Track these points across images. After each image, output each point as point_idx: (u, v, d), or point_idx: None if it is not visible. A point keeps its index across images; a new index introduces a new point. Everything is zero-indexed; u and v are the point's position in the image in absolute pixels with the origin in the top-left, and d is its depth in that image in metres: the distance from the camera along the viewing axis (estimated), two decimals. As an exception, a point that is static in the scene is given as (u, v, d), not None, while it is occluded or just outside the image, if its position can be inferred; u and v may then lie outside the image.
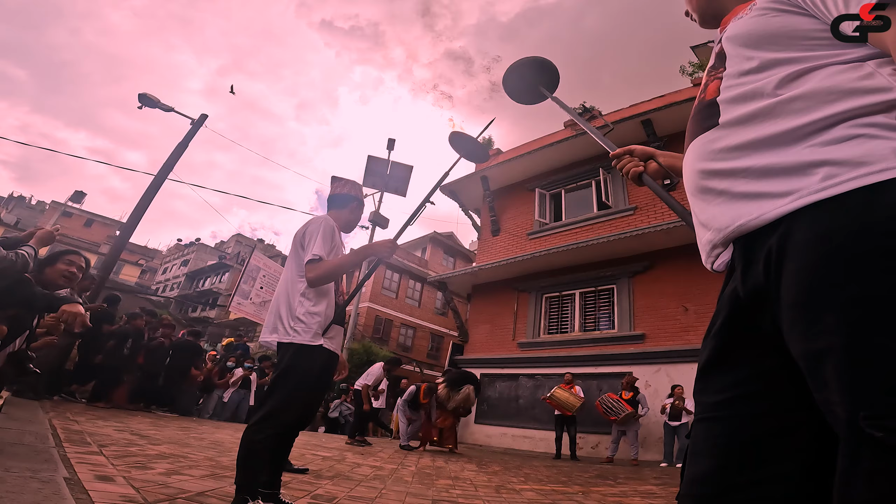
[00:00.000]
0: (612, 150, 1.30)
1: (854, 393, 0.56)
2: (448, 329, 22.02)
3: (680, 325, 8.47)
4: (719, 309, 0.80)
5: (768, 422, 0.70)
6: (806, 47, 0.74)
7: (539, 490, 3.86)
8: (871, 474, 0.54)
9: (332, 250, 2.09)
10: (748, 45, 0.80)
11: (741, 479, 0.70)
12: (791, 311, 0.64)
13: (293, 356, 1.95)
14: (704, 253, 0.84)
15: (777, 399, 0.70)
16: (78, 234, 39.01)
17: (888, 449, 0.53)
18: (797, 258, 0.64)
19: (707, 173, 0.79)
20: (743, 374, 0.74)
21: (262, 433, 1.85)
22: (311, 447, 5.45)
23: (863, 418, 0.55)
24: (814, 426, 0.67)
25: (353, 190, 2.40)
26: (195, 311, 35.56)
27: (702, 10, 1.07)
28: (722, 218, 0.76)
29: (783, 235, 0.66)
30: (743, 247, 0.74)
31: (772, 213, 0.68)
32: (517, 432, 9.81)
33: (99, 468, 2.32)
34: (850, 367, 0.57)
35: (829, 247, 0.61)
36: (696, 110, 0.87)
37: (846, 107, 0.66)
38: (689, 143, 0.87)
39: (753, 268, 0.71)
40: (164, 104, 10.03)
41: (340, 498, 2.61)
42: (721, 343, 0.77)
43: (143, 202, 9.40)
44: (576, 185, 11.57)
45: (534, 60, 1.67)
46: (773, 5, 0.79)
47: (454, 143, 2.33)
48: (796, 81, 0.72)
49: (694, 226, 0.87)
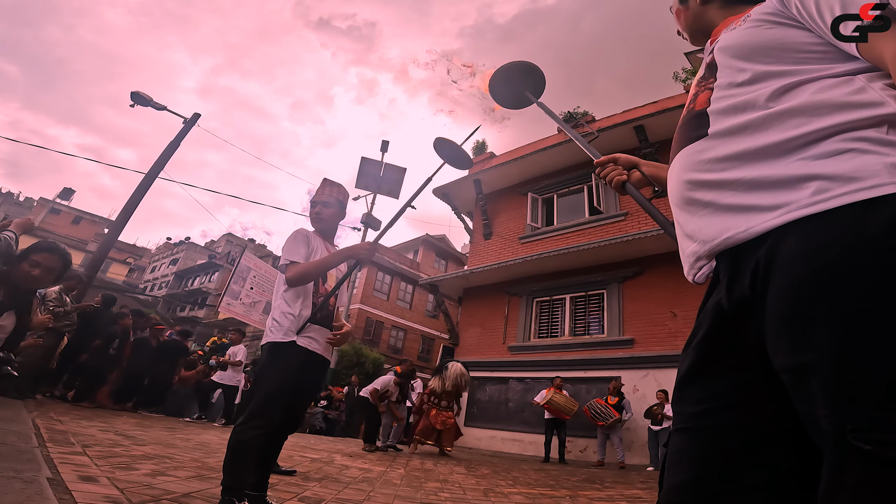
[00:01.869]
0: (597, 157, 1.30)
1: (841, 406, 0.56)
2: (439, 332, 21.99)
3: (668, 331, 8.54)
4: (701, 321, 0.79)
5: (746, 433, 0.70)
6: (798, 60, 0.74)
7: (527, 494, 3.87)
8: (857, 487, 0.54)
9: (309, 253, 2.16)
10: (740, 56, 0.79)
11: (719, 489, 0.70)
12: (777, 324, 0.64)
13: (268, 354, 2.03)
14: (687, 265, 0.84)
15: (756, 411, 0.70)
16: (66, 232, 38.50)
17: (876, 462, 0.53)
18: (786, 272, 0.63)
19: (694, 184, 0.78)
20: (722, 386, 0.74)
21: (247, 433, 1.85)
22: (299, 449, 5.42)
23: (850, 431, 0.55)
24: (791, 438, 0.67)
25: (338, 193, 2.41)
26: (183, 311, 35.21)
27: (690, 27, 1.08)
28: (708, 230, 0.75)
29: (771, 248, 0.66)
30: (729, 259, 0.74)
31: (760, 227, 0.67)
32: (506, 435, 9.82)
33: (82, 468, 2.28)
34: (837, 381, 0.57)
35: (819, 261, 0.60)
36: (685, 120, 0.87)
37: (837, 121, 0.66)
38: (675, 153, 0.86)
39: (739, 280, 0.71)
40: (157, 103, 9.95)
41: (328, 500, 2.60)
42: (702, 354, 0.77)
43: (133, 200, 9.31)
44: (568, 189, 11.63)
45: (521, 65, 1.67)
46: (767, 17, 0.79)
47: (439, 149, 2.33)
48: (788, 94, 0.72)
49: (677, 237, 0.86)
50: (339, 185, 2.45)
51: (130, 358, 7.03)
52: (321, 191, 2.39)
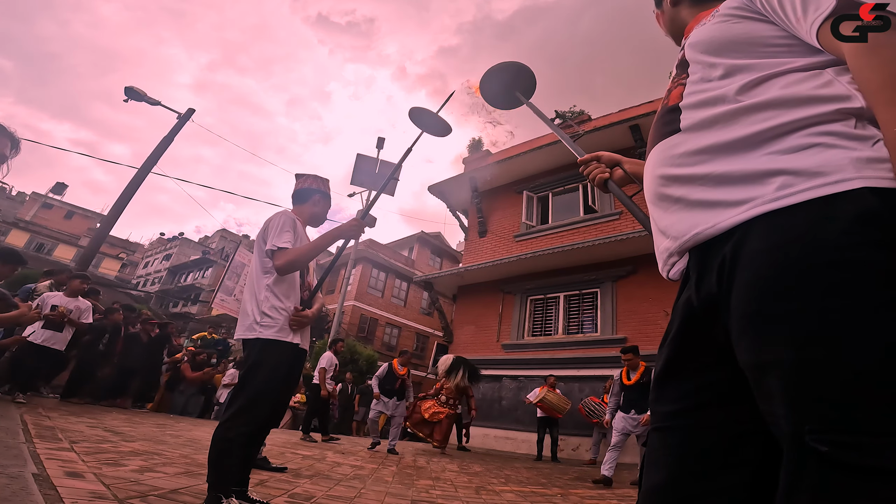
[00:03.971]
0: (581, 155, 1.30)
1: (799, 406, 0.55)
2: (433, 329, 21.99)
3: (661, 330, 8.36)
4: (673, 318, 0.79)
5: (720, 432, 0.69)
6: (766, 54, 0.74)
7: (519, 492, 3.88)
8: (814, 489, 0.53)
9: (295, 240, 2.10)
10: (709, 51, 0.80)
11: (694, 490, 0.69)
12: (740, 321, 0.63)
13: (260, 352, 1.95)
14: (661, 261, 0.83)
15: (729, 410, 0.70)
16: (58, 226, 38.21)
17: (833, 464, 0.52)
18: (748, 268, 0.63)
19: (666, 179, 0.78)
20: (695, 384, 0.73)
21: (234, 431, 1.83)
22: (290, 445, 5.40)
23: (808, 432, 0.54)
24: (764, 438, 0.66)
25: (315, 183, 2.40)
26: (176, 307, 35.03)
27: (669, 30, 1.10)
28: (679, 226, 0.75)
29: (737, 244, 0.65)
30: (698, 255, 0.73)
31: (726, 223, 0.67)
32: (499, 433, 9.84)
33: (69, 464, 2.26)
34: (796, 380, 0.56)
35: (780, 258, 0.60)
36: (659, 116, 0.86)
37: (804, 114, 0.66)
38: (650, 149, 0.86)
39: (707, 277, 0.70)
40: (151, 98, 9.88)
41: (318, 497, 2.58)
42: (675, 353, 0.76)
43: (126, 195, 9.24)
44: (563, 188, 11.64)
45: (511, 65, 1.68)
46: (733, 12, 0.79)
47: (415, 119, 2.31)
48: (757, 88, 0.72)
49: (652, 232, 0.86)
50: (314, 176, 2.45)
51: (122, 353, 6.98)
52: (321, 181, 2.41)
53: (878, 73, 0.61)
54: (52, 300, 5.17)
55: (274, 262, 2.02)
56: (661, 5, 1.10)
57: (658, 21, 1.14)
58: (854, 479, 0.51)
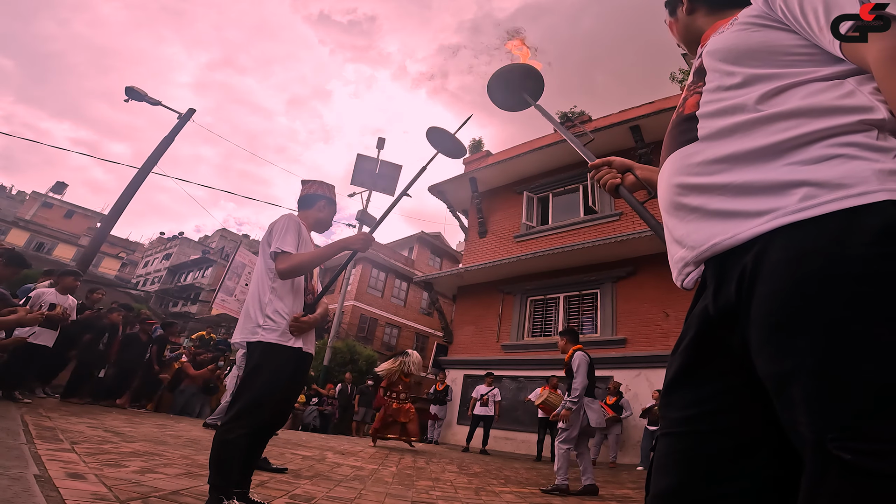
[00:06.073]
0: (591, 160, 1.29)
1: (822, 415, 0.56)
2: (433, 329, 21.98)
3: (661, 331, 8.58)
4: (688, 326, 0.79)
5: (731, 439, 0.69)
6: (786, 63, 0.73)
7: (518, 493, 3.88)
8: (836, 496, 0.54)
9: (299, 244, 2.09)
10: (728, 60, 0.79)
11: (703, 495, 0.69)
12: (762, 331, 0.63)
13: (261, 355, 1.95)
14: (675, 270, 0.83)
15: (741, 417, 0.70)
16: (58, 226, 38.22)
17: (855, 471, 0.52)
18: (771, 279, 0.63)
19: (683, 188, 0.77)
20: (708, 391, 0.73)
21: (234, 433, 1.83)
22: (291, 446, 5.40)
23: (830, 440, 0.54)
24: (775, 445, 0.67)
25: (321, 189, 2.39)
26: (176, 306, 35.02)
27: (683, 38, 1.09)
28: (696, 236, 0.74)
29: (758, 255, 0.65)
30: (716, 265, 0.73)
31: (747, 233, 0.67)
32: (499, 434, 9.83)
33: (70, 465, 2.27)
34: (820, 389, 0.56)
35: (804, 269, 0.60)
36: (674, 124, 0.86)
37: (826, 125, 0.65)
38: (665, 157, 0.85)
39: (725, 287, 0.70)
40: (152, 97, 9.89)
41: (319, 498, 2.59)
42: (688, 360, 0.76)
43: (126, 195, 9.25)
44: (563, 189, 11.65)
45: (519, 67, 1.68)
46: (753, 20, 0.78)
47: (432, 139, 2.33)
48: (778, 97, 0.71)
49: (666, 241, 0.86)
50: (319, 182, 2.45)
51: (120, 353, 6.98)
52: (327, 187, 2.41)
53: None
54: (46, 297, 5.16)
55: (276, 265, 2.02)
56: (676, 13, 1.09)
57: (671, 29, 1.14)
58: (877, 487, 0.52)
